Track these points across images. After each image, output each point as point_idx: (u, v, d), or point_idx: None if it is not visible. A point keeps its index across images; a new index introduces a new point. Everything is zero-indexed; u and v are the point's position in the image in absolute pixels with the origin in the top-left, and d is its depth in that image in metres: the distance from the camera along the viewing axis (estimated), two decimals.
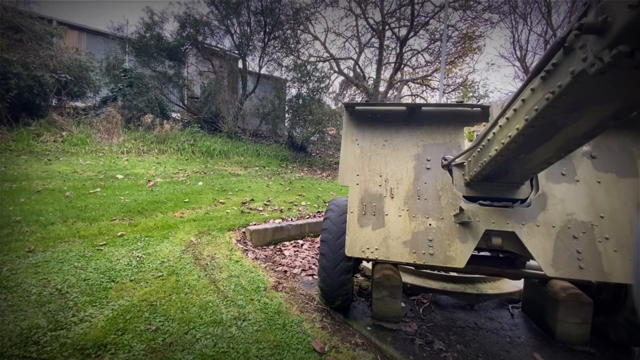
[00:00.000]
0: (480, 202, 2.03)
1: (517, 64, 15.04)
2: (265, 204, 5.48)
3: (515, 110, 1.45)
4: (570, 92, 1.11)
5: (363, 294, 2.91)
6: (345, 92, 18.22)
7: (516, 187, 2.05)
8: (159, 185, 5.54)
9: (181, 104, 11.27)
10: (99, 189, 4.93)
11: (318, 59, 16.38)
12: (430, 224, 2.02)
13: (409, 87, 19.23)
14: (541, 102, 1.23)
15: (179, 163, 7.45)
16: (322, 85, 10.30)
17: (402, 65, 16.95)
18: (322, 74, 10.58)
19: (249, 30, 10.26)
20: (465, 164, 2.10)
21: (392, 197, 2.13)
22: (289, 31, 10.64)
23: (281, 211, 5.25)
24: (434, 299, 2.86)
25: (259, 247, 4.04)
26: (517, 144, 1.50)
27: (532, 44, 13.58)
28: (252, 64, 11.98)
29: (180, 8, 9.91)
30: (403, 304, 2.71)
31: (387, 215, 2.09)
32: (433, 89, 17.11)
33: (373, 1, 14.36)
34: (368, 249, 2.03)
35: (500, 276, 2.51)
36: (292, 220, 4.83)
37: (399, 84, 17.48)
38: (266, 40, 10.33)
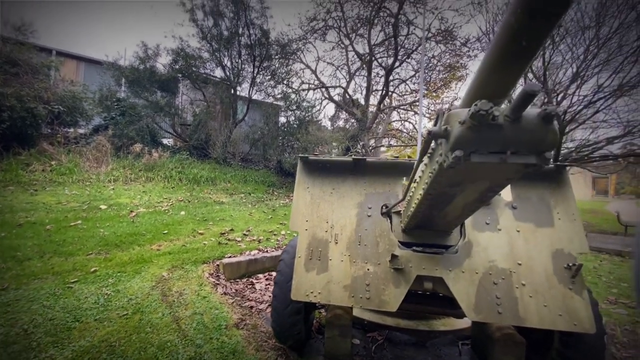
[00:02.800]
0: (414, 248, 2.21)
1: None
2: (245, 234, 5.63)
3: (420, 176, 1.68)
4: (442, 175, 1.34)
5: (322, 330, 3.02)
6: (339, 115, 18.92)
7: (447, 235, 2.25)
8: (140, 216, 5.68)
9: (172, 131, 11.61)
10: (80, 221, 5.07)
11: (309, 86, 17.05)
12: (368, 269, 2.20)
13: (398, 112, 19.92)
14: (429, 177, 1.46)
15: (165, 191, 7.63)
16: (308, 114, 10.73)
17: (391, 92, 17.67)
18: (309, 103, 11.05)
19: (239, 63, 10.80)
20: (402, 211, 2.31)
21: (336, 243, 2.31)
22: (278, 63, 11.20)
23: (259, 241, 5.38)
24: (389, 335, 2.97)
25: (232, 281, 4.14)
26: (425, 205, 1.71)
27: None
28: (244, 92, 12.50)
29: (174, 42, 10.46)
30: (358, 341, 2.83)
31: (330, 260, 2.26)
32: (418, 114, 17.72)
33: (360, 34, 15.17)
34: (312, 292, 2.19)
35: (443, 315, 2.66)
36: (267, 251, 4.96)
37: (387, 110, 18.09)
38: (256, 72, 10.87)
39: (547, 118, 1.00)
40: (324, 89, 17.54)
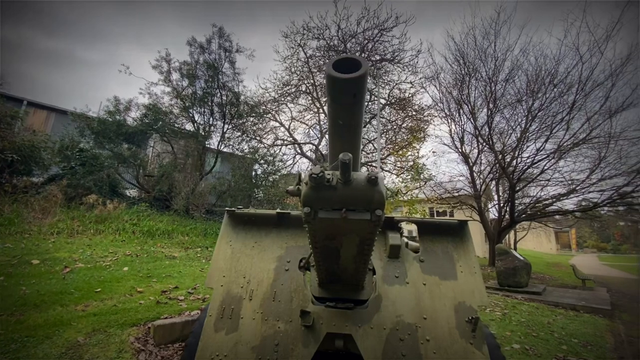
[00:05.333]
0: (327, 303, 2.20)
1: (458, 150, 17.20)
2: (190, 292, 5.28)
3: None
4: (310, 229, 1.45)
5: None
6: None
7: (360, 288, 2.28)
8: (75, 272, 5.25)
9: (135, 182, 11.39)
10: (2, 278, 4.60)
11: (283, 142, 17.84)
12: (279, 327, 2.13)
13: (367, 168, 20.97)
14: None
15: (113, 245, 7.19)
16: (275, 168, 11.08)
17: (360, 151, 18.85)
18: (274, 158, 11.48)
19: (211, 120, 11.33)
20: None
21: (250, 299, 2.26)
22: (249, 122, 11.84)
23: (204, 300, 5.04)
24: None
25: (162, 346, 3.77)
26: (319, 258, 1.79)
27: (468, 136, 15.66)
28: (214, 145, 12.84)
29: (149, 98, 10.92)
30: None
31: (242, 318, 2.18)
32: (386, 171, 18.73)
33: None
34: (217, 355, 2.05)
35: None
36: None
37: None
38: (226, 128, 11.39)
39: (371, 181, 1.18)
40: (296, 145, 18.40)
